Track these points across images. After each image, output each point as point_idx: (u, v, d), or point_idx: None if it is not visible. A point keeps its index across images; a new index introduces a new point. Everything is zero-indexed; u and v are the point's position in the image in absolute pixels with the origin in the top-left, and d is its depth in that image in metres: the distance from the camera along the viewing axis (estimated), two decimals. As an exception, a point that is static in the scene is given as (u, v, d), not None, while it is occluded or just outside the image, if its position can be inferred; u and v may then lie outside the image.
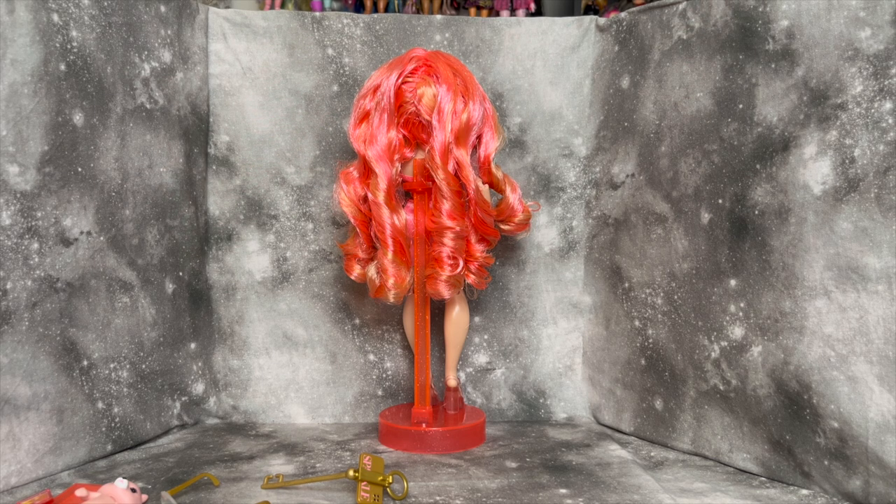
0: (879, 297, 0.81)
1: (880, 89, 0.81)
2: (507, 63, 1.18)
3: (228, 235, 1.19)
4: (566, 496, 0.87)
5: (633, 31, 1.10)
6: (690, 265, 1.00)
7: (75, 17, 0.93)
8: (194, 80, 1.13)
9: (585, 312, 1.21)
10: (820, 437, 0.86)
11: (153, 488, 0.88)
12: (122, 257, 1.01)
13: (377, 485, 0.84)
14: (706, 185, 0.98)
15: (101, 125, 0.96)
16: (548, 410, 1.21)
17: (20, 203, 0.87)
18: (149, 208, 1.05)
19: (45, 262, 0.90)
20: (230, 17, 1.16)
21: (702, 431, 1.01)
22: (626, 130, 1.11)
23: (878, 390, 0.81)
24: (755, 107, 0.92)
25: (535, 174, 1.19)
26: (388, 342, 1.21)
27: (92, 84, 0.95)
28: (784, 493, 0.88)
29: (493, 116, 1.03)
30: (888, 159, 0.80)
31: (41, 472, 0.90)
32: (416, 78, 0.99)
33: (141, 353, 1.04)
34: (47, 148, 0.89)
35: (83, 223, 0.95)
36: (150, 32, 1.04)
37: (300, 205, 1.19)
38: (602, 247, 1.17)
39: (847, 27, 0.83)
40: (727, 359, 0.96)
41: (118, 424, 1.00)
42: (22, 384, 0.88)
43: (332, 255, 1.19)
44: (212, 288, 1.19)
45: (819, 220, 0.85)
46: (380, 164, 0.99)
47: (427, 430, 1.04)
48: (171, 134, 1.08)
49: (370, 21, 1.17)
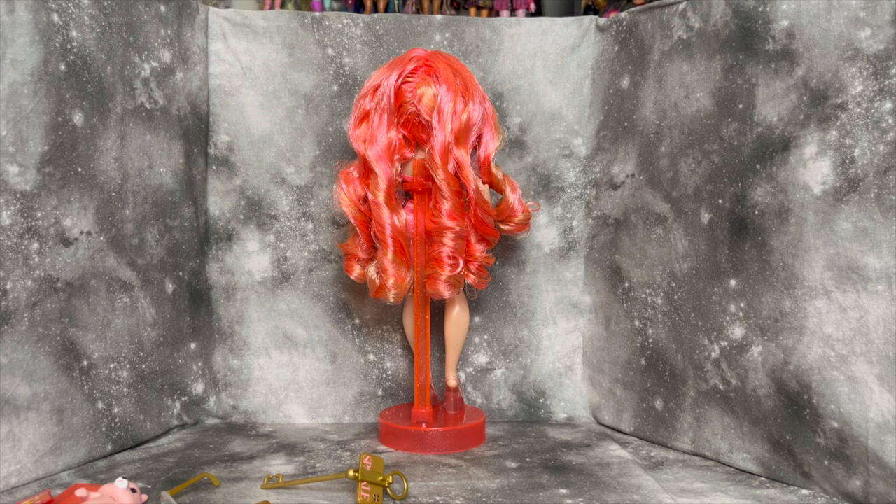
0: (879, 297, 0.81)
1: (880, 89, 0.81)
2: (507, 63, 1.18)
3: (228, 235, 1.19)
4: (566, 496, 0.87)
5: (633, 31, 1.10)
6: (690, 265, 1.00)
7: (75, 17, 0.93)
8: (194, 80, 1.13)
9: (585, 312, 1.21)
10: (820, 438, 0.86)
11: (153, 488, 0.88)
12: (122, 257, 1.01)
13: (377, 485, 0.84)
14: (706, 185, 0.98)
15: (101, 125, 0.96)
16: (548, 410, 1.21)
17: (20, 203, 0.87)
18: (149, 208, 1.05)
19: (45, 262, 0.90)
20: (230, 17, 1.16)
21: (702, 431, 1.01)
22: (626, 130, 1.11)
23: (879, 390, 0.81)
24: (755, 107, 0.92)
25: (535, 174, 1.19)
26: (388, 342, 1.21)
27: (92, 84, 0.95)
28: (784, 494, 0.88)
29: (493, 116, 1.03)
30: (888, 159, 0.80)
31: (41, 472, 0.90)
32: (416, 78, 0.99)
33: (141, 353, 1.04)
34: (47, 148, 0.89)
35: (83, 223, 0.95)
36: (150, 32, 1.04)
37: (300, 205, 1.19)
38: (602, 247, 1.17)
39: (847, 27, 0.83)
40: (727, 359, 0.96)
41: (118, 424, 1.00)
42: (22, 384, 0.88)
43: (332, 255, 1.19)
44: (212, 288, 1.19)
45: (819, 220, 0.85)
46: (380, 164, 0.99)
47: (427, 430, 1.04)
48: (171, 134, 1.08)
49: (370, 21, 1.17)
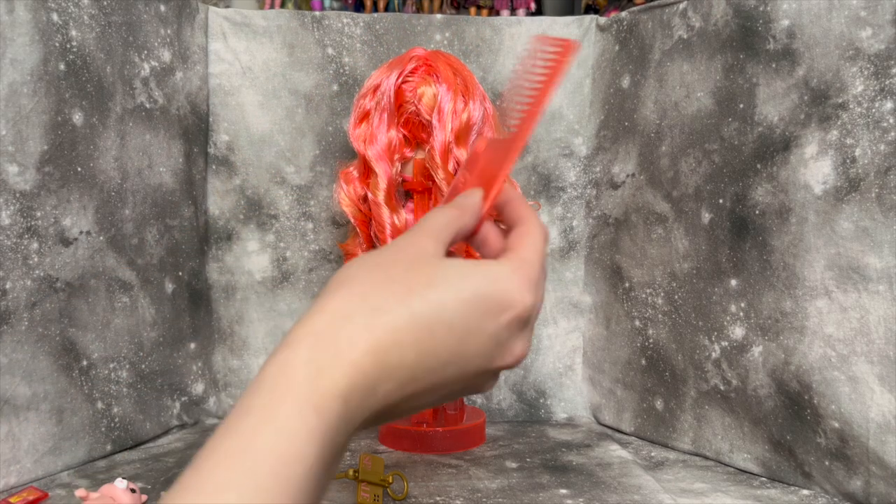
0: (880, 297, 0.81)
1: (881, 89, 0.81)
2: (508, 62, 1.18)
3: (228, 235, 1.19)
4: (566, 496, 0.87)
5: (633, 31, 1.10)
6: (691, 265, 1.00)
7: (75, 16, 0.92)
8: (194, 80, 1.13)
9: (586, 312, 1.21)
10: (821, 438, 0.86)
11: (153, 488, 0.88)
12: (121, 257, 1.00)
13: (377, 485, 0.84)
14: (707, 185, 0.98)
15: (101, 125, 0.96)
16: (548, 410, 1.21)
17: (20, 203, 0.87)
18: (148, 208, 1.05)
19: (45, 262, 0.90)
20: (230, 17, 1.16)
21: (702, 431, 1.01)
22: (626, 130, 1.11)
23: (879, 390, 0.81)
24: (756, 106, 0.92)
25: (535, 174, 1.19)
26: (388, 342, 1.20)
27: (91, 83, 0.94)
28: (785, 494, 0.88)
29: (493, 116, 1.03)
30: (889, 159, 0.80)
31: (41, 472, 0.90)
32: (416, 77, 0.99)
33: (140, 353, 1.04)
34: (47, 147, 0.89)
35: (83, 223, 0.94)
36: (149, 32, 1.04)
37: (300, 204, 1.18)
38: (602, 247, 1.17)
39: (848, 27, 0.83)
40: (728, 359, 0.96)
41: (118, 424, 1.00)
42: (21, 384, 0.88)
43: (332, 255, 1.19)
44: (211, 288, 1.19)
45: (820, 219, 0.85)
46: (380, 164, 0.99)
47: (427, 430, 1.04)
48: (170, 133, 1.08)
49: (370, 20, 1.17)
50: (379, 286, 0.40)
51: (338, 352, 0.37)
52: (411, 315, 0.39)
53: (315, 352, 0.37)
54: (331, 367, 0.36)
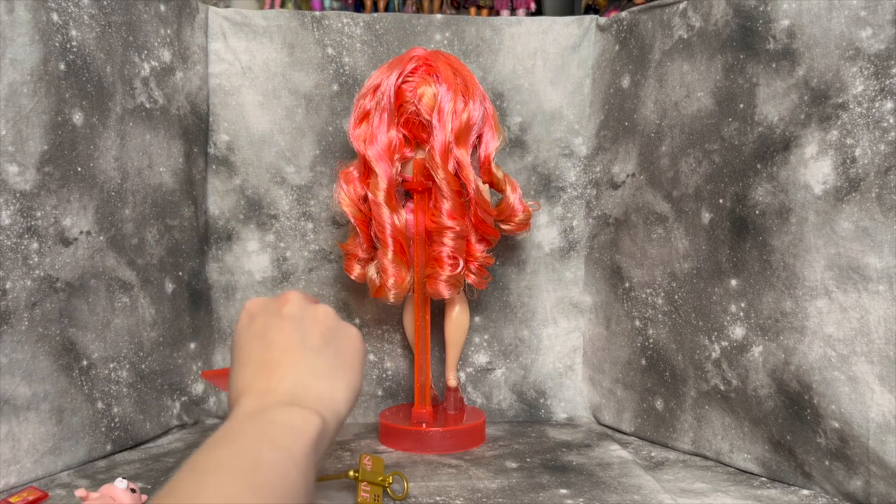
0: (880, 297, 0.81)
1: (881, 89, 0.81)
2: (508, 62, 1.18)
3: (228, 235, 1.19)
4: (566, 496, 0.86)
5: (633, 31, 1.10)
6: (691, 265, 1.00)
7: (75, 16, 0.92)
8: (194, 80, 1.13)
9: (586, 312, 1.21)
10: (821, 438, 0.86)
11: (153, 488, 0.88)
12: (121, 257, 1.00)
13: (377, 485, 0.84)
14: (707, 185, 0.98)
15: (101, 125, 0.96)
16: (548, 410, 1.21)
17: (20, 203, 0.87)
18: (148, 208, 1.05)
19: (45, 262, 0.90)
20: (230, 17, 1.16)
21: (702, 432, 1.01)
22: (626, 130, 1.11)
23: (879, 390, 0.81)
24: (756, 106, 0.92)
25: (535, 174, 1.19)
26: (388, 342, 1.20)
27: (91, 83, 0.94)
28: (785, 494, 0.88)
29: (493, 116, 1.03)
30: (889, 159, 0.80)
31: (41, 472, 0.90)
32: (416, 77, 0.99)
33: (140, 353, 1.04)
34: (47, 147, 0.89)
35: (83, 223, 0.94)
36: (149, 32, 1.04)
37: (300, 204, 1.18)
38: (602, 247, 1.17)
39: (848, 27, 0.83)
40: (728, 359, 0.96)
41: (118, 424, 1.00)
42: (21, 384, 0.88)
43: (332, 254, 1.19)
44: (211, 288, 1.19)
45: (820, 219, 0.85)
46: (380, 164, 0.99)
47: (427, 430, 1.04)
48: (170, 133, 1.08)
49: (370, 20, 1.17)
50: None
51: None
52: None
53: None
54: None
